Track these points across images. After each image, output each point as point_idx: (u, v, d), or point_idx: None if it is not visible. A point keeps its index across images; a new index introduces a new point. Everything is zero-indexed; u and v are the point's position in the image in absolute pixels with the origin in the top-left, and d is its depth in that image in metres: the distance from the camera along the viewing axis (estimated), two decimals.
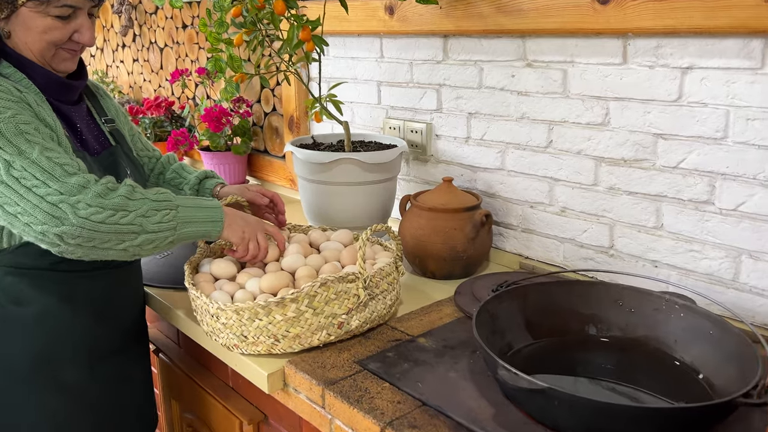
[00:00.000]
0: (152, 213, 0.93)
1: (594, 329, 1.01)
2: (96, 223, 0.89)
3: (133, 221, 0.92)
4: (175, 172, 1.30)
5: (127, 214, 0.91)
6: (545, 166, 1.27)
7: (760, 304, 1.02)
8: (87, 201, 0.89)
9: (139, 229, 0.92)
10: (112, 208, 0.90)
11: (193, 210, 0.99)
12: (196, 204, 1.00)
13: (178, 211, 0.96)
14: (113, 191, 0.92)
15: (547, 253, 1.31)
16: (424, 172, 1.53)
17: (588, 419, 0.73)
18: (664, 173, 1.09)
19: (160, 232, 0.94)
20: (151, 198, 0.95)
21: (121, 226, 0.91)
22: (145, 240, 0.93)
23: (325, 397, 0.89)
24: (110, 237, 0.90)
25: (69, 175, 0.90)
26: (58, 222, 0.87)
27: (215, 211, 1.01)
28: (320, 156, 1.35)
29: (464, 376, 0.91)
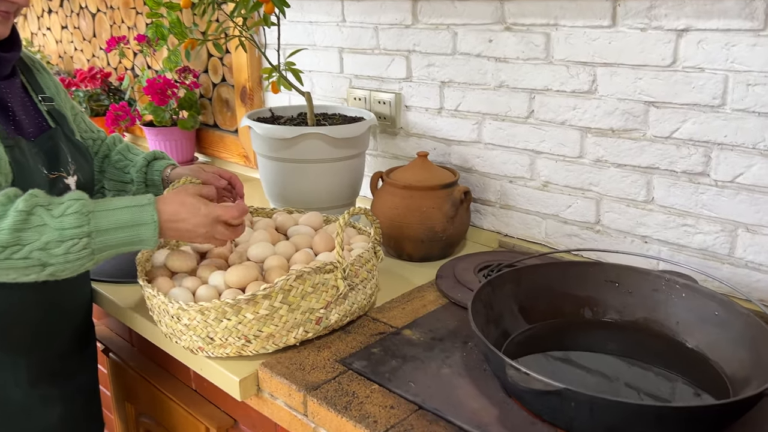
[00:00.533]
0: (54, 245, 0.76)
1: (590, 312, 0.95)
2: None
3: (29, 255, 0.75)
4: (120, 153, 1.15)
5: (20, 249, 0.75)
6: (526, 138, 1.19)
7: (756, 279, 0.98)
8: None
9: (39, 263, 0.76)
10: None
11: (114, 231, 0.80)
12: (116, 222, 0.80)
13: (91, 237, 0.78)
14: (1, 218, 0.75)
15: (528, 230, 1.24)
16: (394, 147, 1.43)
17: (610, 420, 0.66)
18: (655, 144, 1.03)
19: (70, 262, 0.78)
20: (54, 226, 0.76)
21: (16, 261, 0.75)
22: (55, 270, 0.78)
23: (308, 404, 0.79)
24: (8, 272, 0.77)
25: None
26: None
27: (145, 229, 0.81)
28: (283, 131, 1.23)
29: (459, 371, 0.83)
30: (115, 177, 1.13)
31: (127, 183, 1.12)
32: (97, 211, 0.79)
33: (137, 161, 1.12)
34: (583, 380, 0.81)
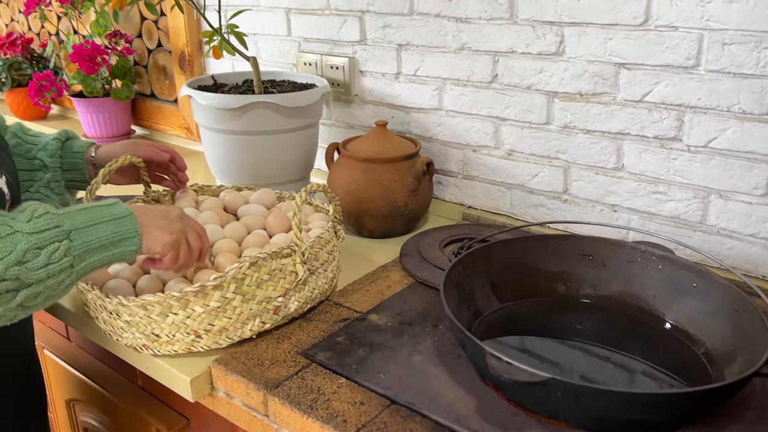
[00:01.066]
0: (33, 254, 0.61)
1: (563, 287, 0.90)
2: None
3: (4, 275, 0.59)
4: (16, 136, 0.94)
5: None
6: (490, 104, 1.13)
7: (729, 246, 0.95)
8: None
9: (15, 284, 0.60)
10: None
11: (93, 229, 0.66)
12: (92, 218, 0.67)
13: (71, 239, 0.64)
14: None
15: (492, 202, 1.19)
16: (349, 115, 1.34)
17: (597, 408, 0.62)
18: (626, 108, 0.98)
19: (51, 278, 0.62)
20: (27, 230, 0.61)
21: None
22: (29, 296, 0.62)
23: (269, 403, 0.72)
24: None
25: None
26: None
27: (124, 222, 0.69)
28: (227, 100, 1.12)
29: (431, 359, 0.78)
30: (20, 165, 0.92)
31: (37, 170, 0.94)
32: (67, 212, 0.66)
33: (45, 143, 0.95)
34: (561, 359, 0.76)
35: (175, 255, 0.74)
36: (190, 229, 0.76)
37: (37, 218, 0.63)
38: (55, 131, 0.98)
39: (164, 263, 0.74)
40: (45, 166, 0.94)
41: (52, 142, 0.95)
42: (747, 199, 0.92)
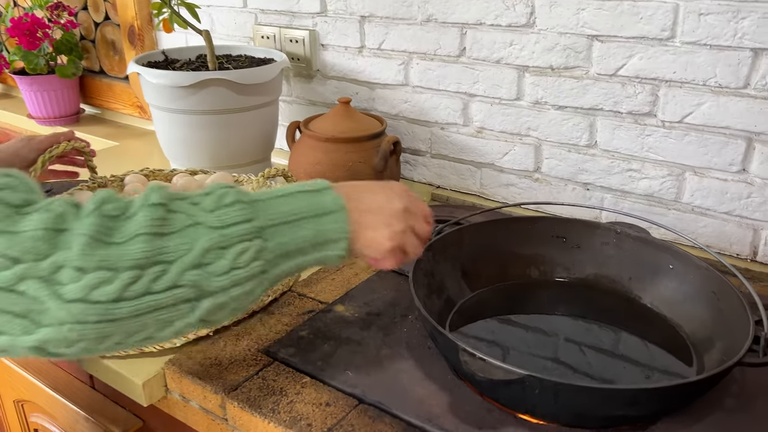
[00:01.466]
0: (215, 256, 0.46)
1: (537, 271, 0.87)
2: (105, 305, 0.43)
3: (179, 281, 0.45)
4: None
5: (164, 270, 0.44)
6: (458, 80, 1.07)
7: (703, 224, 0.93)
8: (76, 263, 0.42)
9: (192, 294, 0.46)
10: (131, 266, 0.43)
11: (291, 228, 0.51)
12: (292, 210, 0.51)
13: (264, 238, 0.49)
14: (125, 222, 0.45)
15: (462, 181, 1.14)
16: (310, 92, 1.27)
17: (577, 405, 0.59)
18: (599, 82, 0.94)
19: (235, 287, 0.48)
20: (210, 223, 0.47)
21: (158, 297, 0.44)
22: (212, 307, 0.47)
23: (227, 407, 0.67)
24: (141, 323, 0.45)
25: (16, 215, 0.43)
26: (29, 325, 0.42)
27: (332, 219, 0.53)
28: (179, 77, 1.05)
29: (400, 352, 0.73)
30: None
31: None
32: (262, 200, 0.51)
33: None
34: (536, 348, 0.73)
35: (396, 260, 0.59)
36: (417, 220, 0.60)
37: (224, 207, 0.48)
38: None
39: (380, 265, 0.60)
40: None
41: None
42: (722, 175, 0.89)
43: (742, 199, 0.89)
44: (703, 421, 0.63)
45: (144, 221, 0.44)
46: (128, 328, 0.44)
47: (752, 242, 0.90)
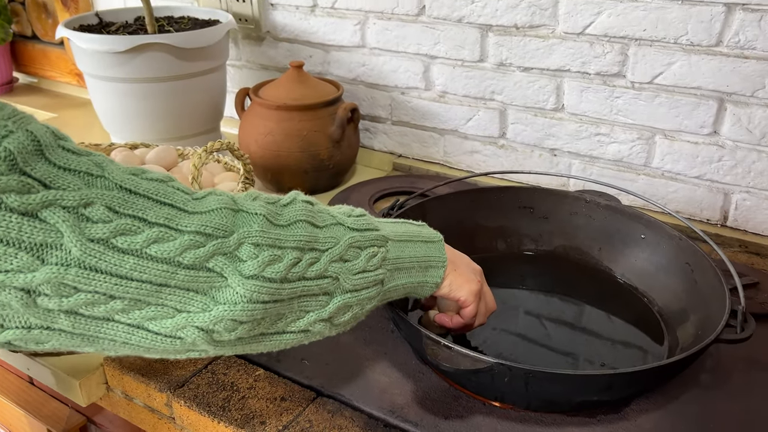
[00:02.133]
0: (353, 252, 0.49)
1: (504, 244, 0.83)
2: (275, 283, 0.44)
3: (326, 271, 0.47)
4: None
5: (316, 258, 0.47)
6: (418, 41, 1.01)
7: (674, 189, 0.90)
8: (255, 239, 0.43)
9: (332, 285, 0.48)
10: (295, 247, 0.45)
11: (407, 246, 0.54)
12: (405, 232, 0.55)
13: (387, 246, 0.52)
14: (283, 209, 0.47)
15: (425, 149, 1.09)
16: (261, 56, 1.19)
17: (548, 392, 0.55)
18: (566, 42, 0.89)
19: (363, 289, 0.50)
20: (348, 223, 0.50)
21: (309, 284, 0.46)
22: (339, 306, 0.49)
23: (173, 406, 0.62)
24: (290, 307, 0.46)
25: (193, 200, 0.43)
26: (208, 303, 0.42)
27: (435, 247, 0.56)
28: (112, 42, 0.95)
29: (362, 337, 0.69)
30: None
31: None
32: (380, 221, 0.55)
33: None
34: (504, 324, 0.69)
35: (477, 308, 0.60)
36: (486, 285, 0.63)
37: (356, 216, 0.52)
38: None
39: (464, 316, 0.60)
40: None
41: None
42: (693, 138, 0.86)
43: (713, 162, 0.86)
44: (678, 399, 0.60)
45: (302, 210, 0.47)
46: (281, 310, 0.45)
47: (723, 207, 0.88)
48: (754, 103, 0.80)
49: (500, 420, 0.57)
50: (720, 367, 0.64)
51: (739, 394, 0.61)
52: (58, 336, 0.39)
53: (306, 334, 0.48)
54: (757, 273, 0.79)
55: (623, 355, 0.65)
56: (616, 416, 0.58)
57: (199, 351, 0.44)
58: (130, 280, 0.38)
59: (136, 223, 0.39)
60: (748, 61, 0.78)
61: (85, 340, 0.40)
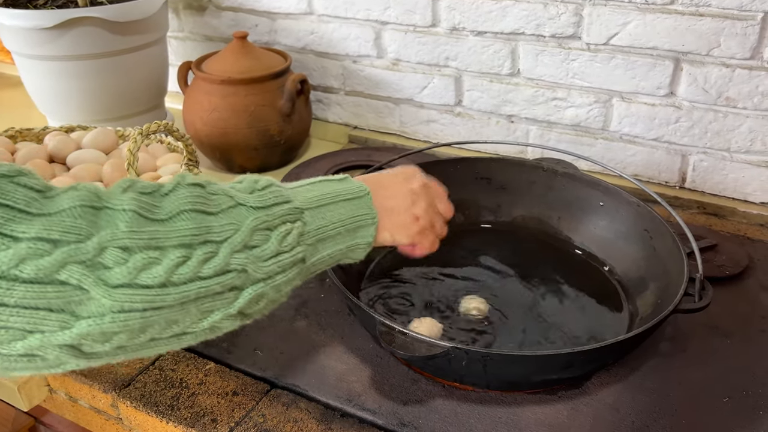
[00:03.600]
0: (261, 237, 0.42)
1: (462, 217, 0.80)
2: (154, 290, 0.37)
3: (228, 264, 0.40)
4: None
5: (213, 252, 0.39)
6: (367, 6, 0.96)
7: (632, 153, 0.88)
8: (122, 242, 0.36)
9: (239, 278, 0.41)
10: (179, 244, 0.38)
11: (327, 210, 0.47)
12: (323, 195, 0.48)
13: (304, 221, 0.45)
14: (162, 199, 0.39)
15: (381, 120, 1.05)
16: (204, 26, 1.13)
17: (506, 373, 0.54)
18: (520, 3, 0.86)
19: (280, 274, 0.43)
20: (252, 203, 0.43)
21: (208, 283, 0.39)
22: (252, 298, 0.42)
23: (119, 407, 0.59)
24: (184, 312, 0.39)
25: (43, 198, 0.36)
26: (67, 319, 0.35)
27: (361, 203, 0.50)
28: (39, 17, 0.89)
29: (317, 322, 0.66)
30: None
31: None
32: (290, 187, 0.48)
33: None
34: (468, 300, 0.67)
35: (429, 241, 0.57)
36: (437, 197, 0.58)
37: (261, 190, 0.44)
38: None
39: (418, 252, 0.58)
40: None
41: None
42: (650, 100, 0.84)
43: (671, 124, 0.84)
44: (638, 369, 0.60)
45: (187, 197, 0.40)
46: (170, 317, 0.38)
47: (680, 168, 0.87)
48: (709, 62, 0.79)
49: (460, 402, 0.56)
50: (679, 334, 0.64)
51: (698, 362, 0.61)
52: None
53: (212, 331, 0.42)
54: (715, 235, 0.78)
55: (584, 326, 0.64)
56: (577, 391, 0.57)
57: (72, 365, 0.37)
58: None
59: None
60: (703, 19, 0.76)
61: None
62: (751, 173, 0.82)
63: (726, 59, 0.78)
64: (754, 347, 0.62)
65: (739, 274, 0.72)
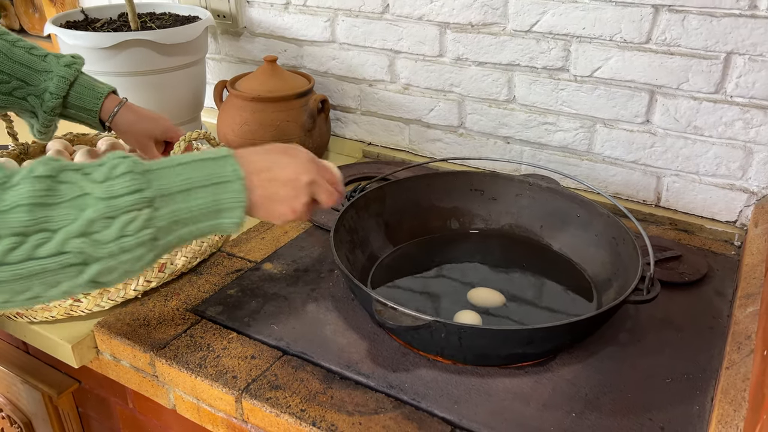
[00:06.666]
0: (102, 225, 0.48)
1: (457, 223, 0.91)
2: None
3: (64, 248, 0.47)
4: None
5: (48, 238, 0.46)
6: (383, 36, 1.09)
7: (613, 173, 0.99)
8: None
9: (79, 260, 0.48)
10: (12, 233, 0.45)
11: (185, 196, 0.52)
12: (187, 180, 0.52)
13: (154, 208, 0.50)
14: (6, 188, 0.46)
15: (392, 138, 1.17)
16: (238, 50, 1.26)
17: (479, 346, 0.64)
18: (516, 39, 0.97)
19: (125, 252, 0.49)
20: (98, 194, 0.48)
21: (43, 262, 0.46)
22: (101, 270, 0.49)
23: (156, 364, 0.70)
24: (28, 285, 0.47)
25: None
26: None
27: (229, 188, 0.54)
28: (98, 39, 1.03)
29: (325, 305, 0.77)
30: None
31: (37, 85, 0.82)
32: (156, 170, 0.52)
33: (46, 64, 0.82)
34: (455, 295, 0.78)
35: (303, 213, 0.61)
36: (321, 192, 0.61)
37: (114, 178, 0.49)
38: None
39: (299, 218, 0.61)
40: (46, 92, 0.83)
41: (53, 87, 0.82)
42: (629, 127, 0.95)
43: (647, 148, 0.94)
44: (597, 354, 0.70)
45: (25, 192, 0.46)
46: (13, 289, 0.47)
47: (656, 188, 0.97)
48: (680, 95, 0.89)
49: (441, 372, 0.66)
50: (638, 327, 0.74)
51: (651, 350, 0.70)
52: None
53: (69, 294, 0.50)
54: (681, 247, 0.88)
55: (559, 318, 0.74)
56: (541, 368, 0.67)
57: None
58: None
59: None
60: (673, 57, 0.87)
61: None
62: (717, 194, 0.92)
63: (694, 93, 0.88)
64: (701, 340, 0.72)
65: (698, 281, 0.81)
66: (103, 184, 0.49)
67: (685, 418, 0.61)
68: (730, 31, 0.82)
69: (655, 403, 0.63)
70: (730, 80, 0.85)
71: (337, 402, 0.63)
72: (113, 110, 0.86)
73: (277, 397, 0.64)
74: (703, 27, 0.84)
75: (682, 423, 0.61)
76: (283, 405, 0.63)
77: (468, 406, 0.62)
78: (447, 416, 0.61)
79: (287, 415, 0.62)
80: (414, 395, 0.63)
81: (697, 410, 0.62)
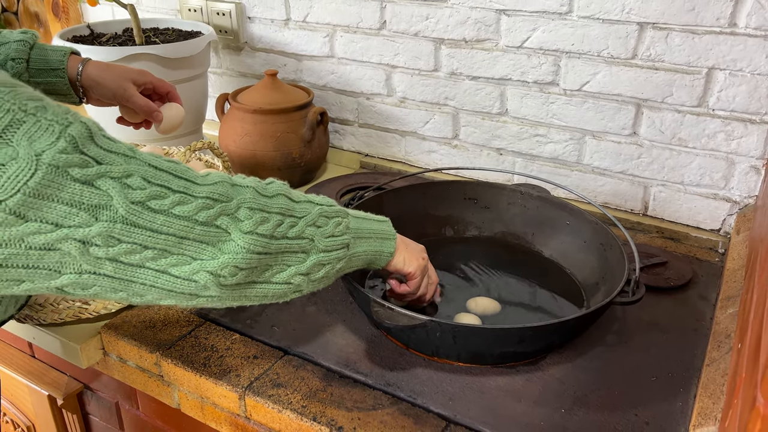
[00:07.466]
0: (323, 221, 0.61)
1: (451, 231, 0.95)
2: (265, 238, 0.55)
3: (303, 232, 0.59)
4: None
5: (295, 222, 0.59)
6: (380, 52, 1.13)
7: (602, 183, 1.02)
8: (249, 204, 0.55)
9: (309, 245, 0.59)
10: (278, 212, 0.57)
11: (363, 221, 0.67)
12: (358, 214, 0.68)
13: (348, 219, 0.64)
14: (267, 186, 0.59)
15: (389, 149, 1.21)
16: (239, 64, 1.30)
17: (472, 345, 0.67)
18: (508, 54, 1.01)
19: (333, 251, 0.62)
20: (314, 199, 0.63)
21: (290, 241, 0.58)
22: (315, 263, 0.60)
23: (162, 365, 0.73)
24: (276, 260, 0.57)
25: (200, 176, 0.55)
26: (216, 252, 0.53)
27: (386, 226, 0.70)
28: (104, 53, 1.06)
29: (325, 308, 0.80)
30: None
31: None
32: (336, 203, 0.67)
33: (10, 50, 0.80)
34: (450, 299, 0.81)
35: (421, 282, 0.73)
36: (430, 272, 0.76)
37: (321, 197, 0.64)
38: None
39: (411, 286, 0.73)
40: None
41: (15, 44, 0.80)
42: (616, 138, 0.99)
43: (634, 159, 0.98)
44: (586, 354, 0.73)
45: (280, 187, 0.60)
46: (268, 262, 0.56)
47: (643, 198, 1.00)
48: (665, 108, 0.93)
49: (436, 371, 0.69)
50: (625, 329, 0.77)
51: (637, 351, 0.73)
52: (102, 280, 0.50)
53: (288, 287, 0.59)
54: (667, 254, 0.91)
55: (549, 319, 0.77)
56: (533, 367, 0.70)
57: (206, 297, 0.54)
58: (159, 233, 0.49)
59: (163, 191, 0.49)
60: (658, 72, 0.91)
61: (122, 284, 0.51)
62: (702, 204, 0.96)
63: (678, 106, 0.92)
64: (685, 341, 0.75)
65: (683, 286, 0.85)
66: (317, 197, 0.63)
67: (668, 414, 0.64)
68: (711, 48, 0.87)
69: (640, 400, 0.66)
70: (712, 94, 0.89)
71: (337, 399, 0.66)
72: (79, 66, 0.85)
73: (279, 395, 0.66)
74: (685, 44, 0.88)
75: (666, 418, 0.64)
76: (285, 402, 0.65)
77: (462, 402, 0.65)
78: (442, 412, 0.64)
79: (289, 411, 0.64)
80: (410, 392, 0.66)
81: (680, 406, 0.65)
